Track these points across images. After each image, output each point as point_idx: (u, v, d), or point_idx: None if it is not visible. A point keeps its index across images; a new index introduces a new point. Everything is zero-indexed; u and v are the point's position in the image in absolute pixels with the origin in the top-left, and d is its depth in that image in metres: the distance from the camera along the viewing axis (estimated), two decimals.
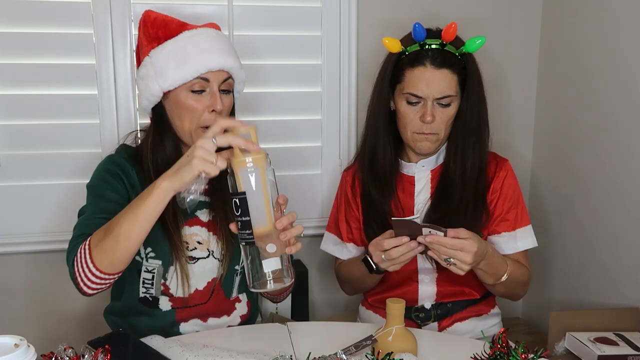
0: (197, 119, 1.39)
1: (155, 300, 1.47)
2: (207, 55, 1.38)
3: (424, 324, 1.61)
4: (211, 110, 1.39)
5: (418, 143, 1.55)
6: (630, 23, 1.67)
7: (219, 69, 1.39)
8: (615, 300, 1.76)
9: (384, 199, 1.60)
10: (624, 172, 1.72)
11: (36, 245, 1.84)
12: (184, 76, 1.37)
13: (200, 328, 1.49)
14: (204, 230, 1.48)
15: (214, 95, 1.39)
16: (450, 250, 1.34)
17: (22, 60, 1.76)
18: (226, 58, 1.41)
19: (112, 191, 1.41)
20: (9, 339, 1.03)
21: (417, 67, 1.49)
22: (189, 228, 1.46)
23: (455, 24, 1.48)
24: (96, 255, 1.25)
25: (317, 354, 1.15)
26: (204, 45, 1.39)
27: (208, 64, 1.38)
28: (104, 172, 1.44)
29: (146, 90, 1.40)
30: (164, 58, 1.38)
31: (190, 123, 1.40)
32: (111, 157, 1.48)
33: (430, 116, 1.49)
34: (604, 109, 1.79)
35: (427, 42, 1.50)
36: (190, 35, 1.40)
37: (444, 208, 1.55)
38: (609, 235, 1.79)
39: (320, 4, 1.91)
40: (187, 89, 1.38)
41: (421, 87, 1.49)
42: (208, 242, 1.48)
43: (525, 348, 1.11)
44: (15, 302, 1.88)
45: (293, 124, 1.96)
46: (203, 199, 1.50)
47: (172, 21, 1.43)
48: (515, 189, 1.61)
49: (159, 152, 1.44)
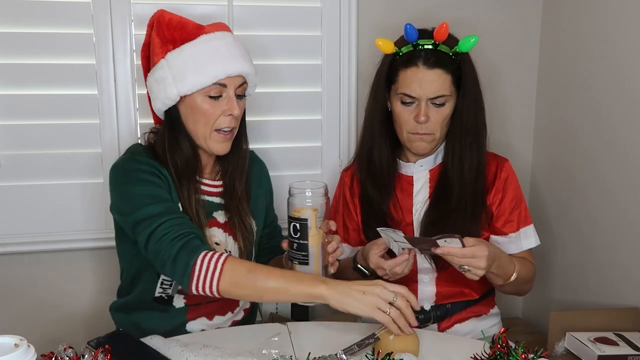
0: (212, 123, 1.41)
1: (170, 299, 1.49)
2: (227, 61, 1.39)
3: (423, 326, 1.61)
4: (227, 115, 1.40)
5: (414, 143, 1.55)
6: (631, 24, 1.67)
7: (236, 75, 1.40)
8: (615, 300, 1.76)
9: (382, 200, 1.60)
10: (623, 172, 1.72)
11: (36, 245, 1.84)
12: (204, 81, 1.37)
13: (205, 327, 1.51)
14: (221, 231, 1.50)
15: (231, 100, 1.41)
16: (463, 259, 1.35)
17: (22, 60, 1.76)
18: (244, 64, 1.42)
19: (164, 190, 1.39)
20: (9, 339, 1.03)
21: (410, 68, 1.49)
22: (208, 229, 1.48)
23: (447, 23, 1.48)
24: (226, 279, 1.27)
25: (317, 354, 1.15)
26: (224, 50, 1.40)
27: (227, 70, 1.39)
28: (141, 173, 1.39)
29: (162, 93, 1.40)
30: (183, 62, 1.38)
31: (205, 127, 1.41)
32: (134, 158, 1.42)
33: (424, 116, 1.49)
34: (603, 110, 1.79)
35: (420, 43, 1.50)
36: (209, 40, 1.40)
37: (443, 208, 1.55)
38: (608, 236, 1.79)
39: (320, 4, 1.91)
40: (204, 94, 1.39)
41: (414, 88, 1.49)
42: (225, 243, 1.50)
43: (525, 348, 1.11)
44: (15, 302, 1.88)
45: (293, 124, 1.96)
46: (218, 200, 1.51)
47: (188, 23, 1.43)
48: (517, 189, 1.62)
49: (177, 154, 1.44)
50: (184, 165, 1.44)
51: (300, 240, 1.29)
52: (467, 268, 1.36)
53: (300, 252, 1.30)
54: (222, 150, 1.45)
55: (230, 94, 1.41)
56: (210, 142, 1.43)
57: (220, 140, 1.43)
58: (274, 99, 1.94)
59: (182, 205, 1.42)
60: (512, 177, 1.61)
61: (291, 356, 1.19)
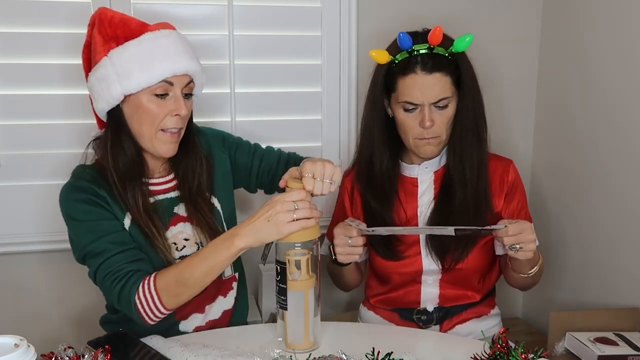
0: (158, 123, 1.37)
1: None
2: (173, 59, 1.35)
3: (425, 327, 1.61)
4: (174, 115, 1.37)
5: (421, 148, 1.54)
6: (633, 21, 1.67)
7: (183, 73, 1.37)
8: (615, 300, 1.76)
9: (383, 210, 1.59)
10: (624, 171, 1.72)
11: (36, 245, 1.84)
12: (150, 79, 1.34)
13: (201, 321, 1.49)
14: (188, 225, 1.47)
15: (178, 99, 1.37)
16: (513, 237, 1.38)
17: (22, 60, 1.75)
18: (190, 62, 1.39)
19: (105, 220, 1.38)
20: (9, 339, 1.03)
21: (409, 75, 1.47)
22: (174, 227, 1.46)
23: (440, 27, 1.46)
24: (165, 298, 1.31)
25: (317, 354, 1.15)
26: (170, 48, 1.36)
27: (175, 68, 1.35)
28: (79, 204, 1.38)
29: (106, 92, 1.36)
30: (127, 60, 1.34)
31: (150, 127, 1.37)
32: (74, 185, 1.41)
33: (430, 121, 1.48)
34: (604, 108, 1.79)
35: (415, 48, 1.48)
36: (154, 37, 1.37)
37: (449, 209, 1.55)
38: (609, 235, 1.79)
39: (320, 4, 1.91)
40: (149, 93, 1.35)
41: (416, 94, 1.47)
42: (194, 236, 1.47)
43: (525, 348, 1.11)
44: (16, 302, 1.88)
45: (293, 124, 1.96)
46: (174, 194, 1.48)
47: (131, 20, 1.39)
48: (523, 190, 1.63)
49: (120, 156, 1.40)
50: (127, 168, 1.40)
51: (280, 284, 1.28)
52: (519, 246, 1.38)
53: (280, 296, 1.29)
54: (169, 152, 1.41)
55: (177, 93, 1.37)
56: (156, 142, 1.38)
57: (166, 140, 1.39)
58: (274, 99, 1.93)
59: (131, 213, 1.39)
60: (518, 179, 1.61)
61: (291, 356, 1.19)
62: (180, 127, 1.40)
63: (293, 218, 1.23)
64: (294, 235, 1.24)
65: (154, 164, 1.47)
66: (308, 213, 1.24)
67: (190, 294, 1.33)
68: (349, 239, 1.45)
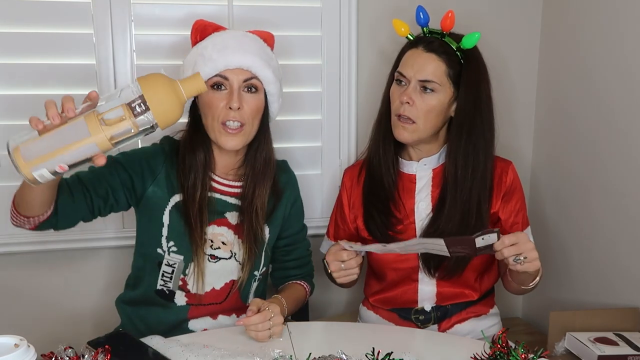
0: (217, 115, 1.42)
1: (171, 294, 1.50)
2: (225, 53, 1.41)
3: (424, 326, 1.61)
4: (228, 107, 1.41)
5: (395, 129, 1.55)
6: (633, 20, 1.67)
7: (236, 67, 1.41)
8: (615, 300, 1.76)
9: (382, 202, 1.60)
10: (624, 172, 1.72)
11: (36, 245, 1.84)
12: (206, 73, 1.40)
13: (209, 326, 1.51)
14: (231, 232, 1.51)
15: (232, 92, 1.42)
16: (512, 248, 1.31)
17: (22, 60, 1.75)
18: (245, 56, 1.42)
19: (122, 171, 1.45)
20: (9, 339, 1.03)
21: (412, 49, 1.54)
22: (217, 227, 1.49)
23: (452, 11, 1.52)
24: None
25: (317, 354, 1.15)
26: (224, 43, 1.43)
27: (226, 61, 1.41)
28: (136, 152, 1.50)
29: None
30: (191, 58, 1.45)
31: (212, 120, 1.43)
32: (153, 146, 1.54)
33: (407, 96, 1.50)
34: (604, 109, 1.79)
35: (430, 29, 1.55)
36: (216, 35, 1.46)
37: (447, 208, 1.54)
38: (609, 235, 1.79)
39: (320, 4, 1.91)
40: (209, 84, 1.42)
41: (408, 67, 1.52)
42: (232, 244, 1.50)
43: (525, 348, 1.11)
44: (16, 302, 1.88)
45: (293, 124, 1.96)
46: (232, 201, 1.52)
47: (210, 26, 1.49)
48: (521, 191, 1.63)
49: (195, 143, 1.49)
50: (194, 160, 1.47)
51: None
52: (523, 257, 1.31)
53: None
54: (231, 146, 1.45)
55: (233, 86, 1.42)
56: (220, 136, 1.44)
57: (227, 135, 1.43)
58: None
59: (185, 196, 1.46)
60: (517, 180, 1.62)
61: (291, 356, 1.19)
62: (239, 121, 1.43)
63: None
64: None
65: (226, 163, 1.53)
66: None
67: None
68: (341, 263, 1.45)
